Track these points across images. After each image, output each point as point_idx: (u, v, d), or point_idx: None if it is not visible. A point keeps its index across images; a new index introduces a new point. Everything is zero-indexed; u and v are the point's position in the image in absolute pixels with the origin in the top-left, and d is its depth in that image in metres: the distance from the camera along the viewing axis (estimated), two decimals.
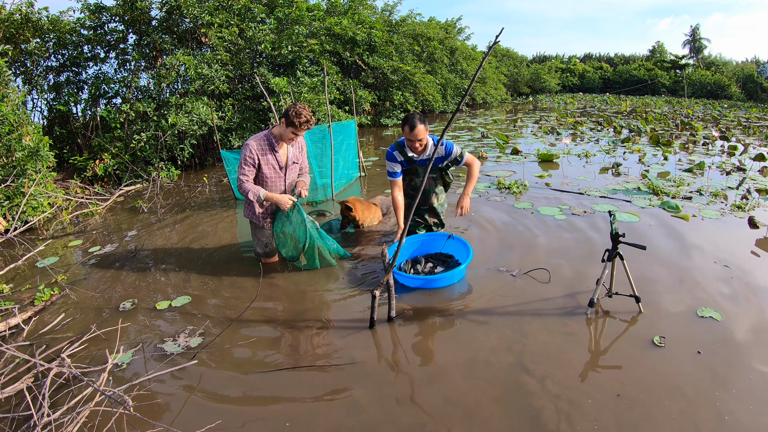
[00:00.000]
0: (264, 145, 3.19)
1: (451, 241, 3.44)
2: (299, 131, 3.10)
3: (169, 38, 8.33)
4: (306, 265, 3.41)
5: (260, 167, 3.19)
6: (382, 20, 15.25)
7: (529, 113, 19.10)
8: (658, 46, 46.05)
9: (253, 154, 3.14)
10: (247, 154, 3.13)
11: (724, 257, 3.39)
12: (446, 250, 3.50)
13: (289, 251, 3.37)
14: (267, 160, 3.20)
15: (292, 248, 3.35)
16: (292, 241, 3.32)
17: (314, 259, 3.36)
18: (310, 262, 3.38)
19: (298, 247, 3.31)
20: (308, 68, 10.32)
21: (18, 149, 4.77)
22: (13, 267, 3.73)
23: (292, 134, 3.12)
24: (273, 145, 3.20)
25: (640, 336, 2.43)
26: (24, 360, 2.33)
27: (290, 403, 2.07)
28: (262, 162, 3.18)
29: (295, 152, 3.35)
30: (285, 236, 3.34)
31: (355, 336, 2.56)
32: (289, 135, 3.13)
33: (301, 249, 3.29)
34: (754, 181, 5.78)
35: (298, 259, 3.37)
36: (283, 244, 3.37)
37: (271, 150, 3.20)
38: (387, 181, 6.47)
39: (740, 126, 13.03)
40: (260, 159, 3.17)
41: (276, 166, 3.25)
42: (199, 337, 2.61)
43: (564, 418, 1.88)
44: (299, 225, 3.25)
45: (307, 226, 3.22)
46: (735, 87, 34.16)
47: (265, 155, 3.19)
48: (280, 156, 3.26)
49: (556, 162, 7.47)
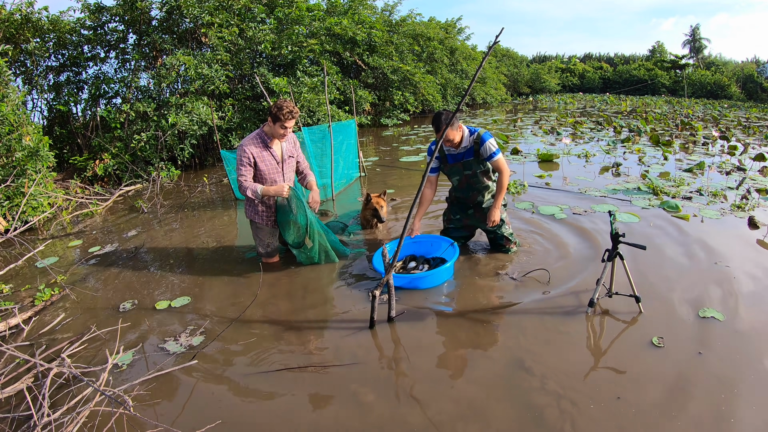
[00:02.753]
0: (258, 143, 3.24)
1: (452, 249, 3.28)
2: (287, 123, 3.15)
3: (169, 38, 8.33)
4: (309, 258, 3.43)
5: (257, 166, 3.23)
6: (382, 20, 15.25)
7: (529, 113, 19.09)
8: (658, 46, 46.07)
9: (248, 153, 3.18)
10: (242, 154, 3.18)
11: (724, 257, 3.39)
12: (446, 255, 3.35)
13: (293, 237, 3.40)
14: (263, 157, 3.24)
15: (296, 234, 3.38)
16: (295, 227, 3.36)
17: (317, 250, 3.38)
18: (313, 252, 3.39)
19: (301, 233, 3.33)
20: (308, 68, 10.32)
21: (18, 149, 4.77)
22: (13, 267, 3.73)
23: (281, 129, 3.17)
24: (266, 142, 3.26)
25: (640, 336, 2.43)
26: (24, 360, 2.33)
27: (291, 403, 2.07)
28: (258, 160, 3.22)
29: (288, 147, 3.40)
30: (288, 223, 3.38)
31: (355, 336, 2.56)
32: (278, 131, 3.18)
33: (304, 233, 3.30)
34: (754, 181, 5.78)
35: (303, 244, 3.36)
36: (288, 231, 3.41)
37: (266, 147, 3.26)
38: (386, 181, 6.49)
39: (740, 126, 13.03)
40: (256, 157, 3.21)
41: (273, 161, 3.29)
42: (200, 336, 2.61)
43: (566, 418, 1.88)
44: (299, 210, 3.28)
45: (306, 210, 3.23)
46: (735, 87, 34.17)
47: (261, 153, 3.24)
48: (275, 152, 3.31)
49: (556, 162, 7.47)
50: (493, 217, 3.32)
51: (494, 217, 3.33)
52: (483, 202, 3.48)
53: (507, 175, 3.30)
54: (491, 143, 3.26)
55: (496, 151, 3.27)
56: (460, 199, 3.58)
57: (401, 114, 15.36)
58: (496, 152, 3.27)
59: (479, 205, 3.50)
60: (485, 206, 3.48)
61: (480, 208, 3.50)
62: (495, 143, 3.28)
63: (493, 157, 3.27)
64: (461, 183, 3.45)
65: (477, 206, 3.51)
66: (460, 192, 3.52)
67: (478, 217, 3.54)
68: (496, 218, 3.33)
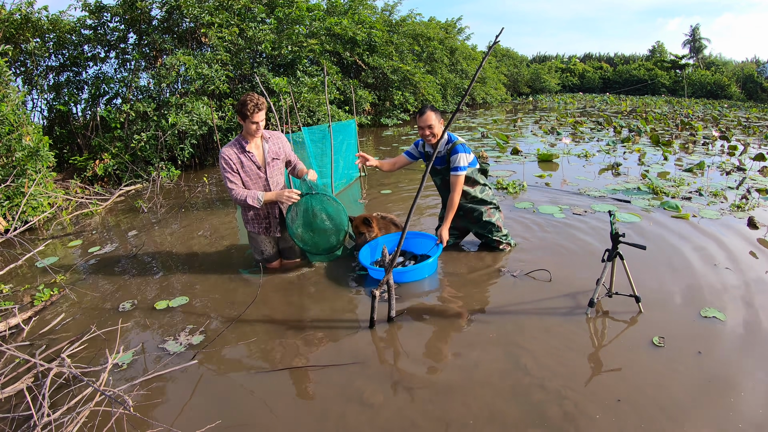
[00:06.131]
0: (236, 147, 3.06)
1: (436, 248, 3.29)
2: (255, 118, 2.95)
3: (169, 38, 8.34)
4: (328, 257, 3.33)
5: (238, 172, 3.07)
6: (382, 20, 15.26)
7: (529, 113, 19.09)
8: (658, 46, 46.09)
9: (228, 159, 3.02)
10: (223, 163, 3.02)
11: (724, 257, 3.39)
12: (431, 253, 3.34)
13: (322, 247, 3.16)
14: (242, 164, 3.07)
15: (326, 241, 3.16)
16: (324, 236, 3.15)
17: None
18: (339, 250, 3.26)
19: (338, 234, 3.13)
20: (308, 68, 10.33)
21: (18, 149, 4.77)
22: (13, 267, 3.73)
23: (252, 124, 2.97)
24: (243, 146, 3.06)
25: (640, 336, 2.43)
26: (24, 360, 2.33)
27: (291, 402, 2.07)
28: (238, 167, 3.06)
29: (272, 148, 3.17)
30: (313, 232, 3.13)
31: (355, 336, 2.56)
32: (250, 127, 2.99)
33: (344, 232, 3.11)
34: (753, 181, 5.78)
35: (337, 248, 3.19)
36: (313, 246, 3.17)
37: (242, 151, 3.06)
38: (386, 181, 6.49)
39: (740, 126, 13.03)
40: (235, 163, 3.04)
41: (253, 166, 3.11)
42: (200, 335, 2.61)
43: (567, 418, 1.88)
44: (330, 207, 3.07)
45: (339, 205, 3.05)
46: (735, 87, 34.18)
47: (239, 157, 3.06)
48: (256, 156, 3.12)
49: (556, 162, 7.47)
50: (442, 235, 3.25)
51: (443, 236, 3.25)
52: (465, 204, 3.48)
53: (457, 196, 3.25)
54: (462, 158, 3.20)
55: (463, 167, 3.20)
56: (444, 199, 3.60)
57: (401, 114, 15.37)
58: (461, 168, 3.20)
59: (462, 208, 3.49)
60: (468, 207, 3.49)
61: (464, 209, 3.51)
62: (466, 160, 3.22)
63: (456, 171, 3.21)
64: (443, 184, 3.48)
65: (461, 208, 3.49)
66: (443, 192, 3.55)
67: (465, 218, 3.57)
68: (445, 237, 3.25)
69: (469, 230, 3.73)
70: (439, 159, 3.37)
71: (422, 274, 3.21)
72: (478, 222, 3.53)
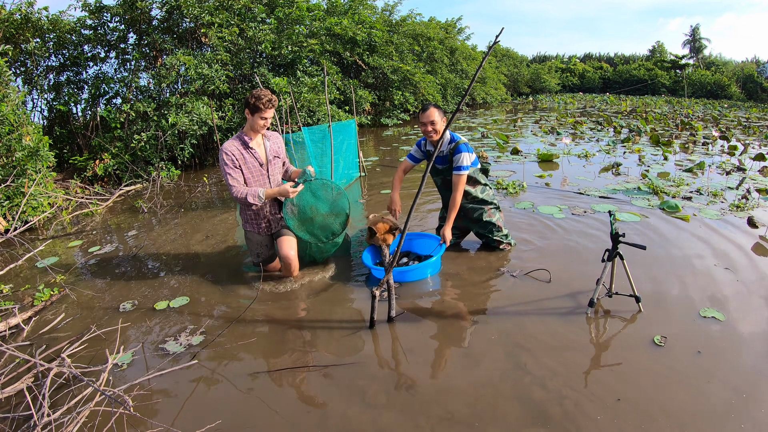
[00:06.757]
0: (238, 145, 3.00)
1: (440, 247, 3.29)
2: (266, 114, 2.91)
3: (169, 38, 8.34)
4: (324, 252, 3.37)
5: (240, 169, 3.01)
6: (382, 20, 15.26)
7: (529, 113, 19.09)
8: (658, 46, 46.09)
9: (231, 155, 2.95)
10: (224, 157, 2.94)
11: (724, 257, 3.39)
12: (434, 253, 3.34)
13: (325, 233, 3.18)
14: (245, 160, 3.00)
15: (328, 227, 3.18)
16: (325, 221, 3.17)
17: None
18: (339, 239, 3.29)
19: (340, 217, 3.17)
20: (308, 68, 10.33)
21: (18, 149, 4.77)
22: (13, 267, 3.73)
23: (261, 120, 2.93)
24: (246, 142, 3.01)
25: (640, 336, 2.43)
26: (24, 360, 2.33)
27: (291, 402, 2.07)
28: (240, 162, 2.99)
29: (273, 146, 3.16)
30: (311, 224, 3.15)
31: (355, 336, 2.56)
32: (258, 122, 2.94)
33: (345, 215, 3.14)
34: (754, 181, 5.78)
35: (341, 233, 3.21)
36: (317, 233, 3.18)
37: (245, 147, 3.01)
38: (386, 181, 6.49)
39: (740, 126, 13.03)
40: (238, 159, 2.98)
41: (256, 163, 3.06)
42: (200, 336, 2.61)
43: (567, 417, 1.88)
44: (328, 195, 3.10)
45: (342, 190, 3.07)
46: (735, 87, 34.19)
47: (242, 155, 3.00)
48: (258, 153, 3.07)
49: (556, 162, 7.47)
50: (445, 235, 3.24)
51: (446, 236, 3.24)
52: (466, 204, 3.48)
53: (460, 195, 3.24)
54: (466, 157, 3.20)
55: (465, 167, 3.20)
56: (445, 199, 3.60)
57: (401, 114, 15.37)
58: (464, 167, 3.20)
59: (463, 208, 3.48)
60: (469, 207, 3.49)
61: (465, 209, 3.50)
62: (469, 159, 3.22)
63: (459, 171, 3.21)
64: (444, 184, 3.47)
65: (462, 208, 3.48)
66: (444, 192, 3.54)
67: (466, 218, 3.57)
68: (448, 236, 3.24)
69: (469, 230, 3.73)
70: (441, 159, 3.37)
71: (427, 272, 3.21)
72: (479, 222, 3.53)
